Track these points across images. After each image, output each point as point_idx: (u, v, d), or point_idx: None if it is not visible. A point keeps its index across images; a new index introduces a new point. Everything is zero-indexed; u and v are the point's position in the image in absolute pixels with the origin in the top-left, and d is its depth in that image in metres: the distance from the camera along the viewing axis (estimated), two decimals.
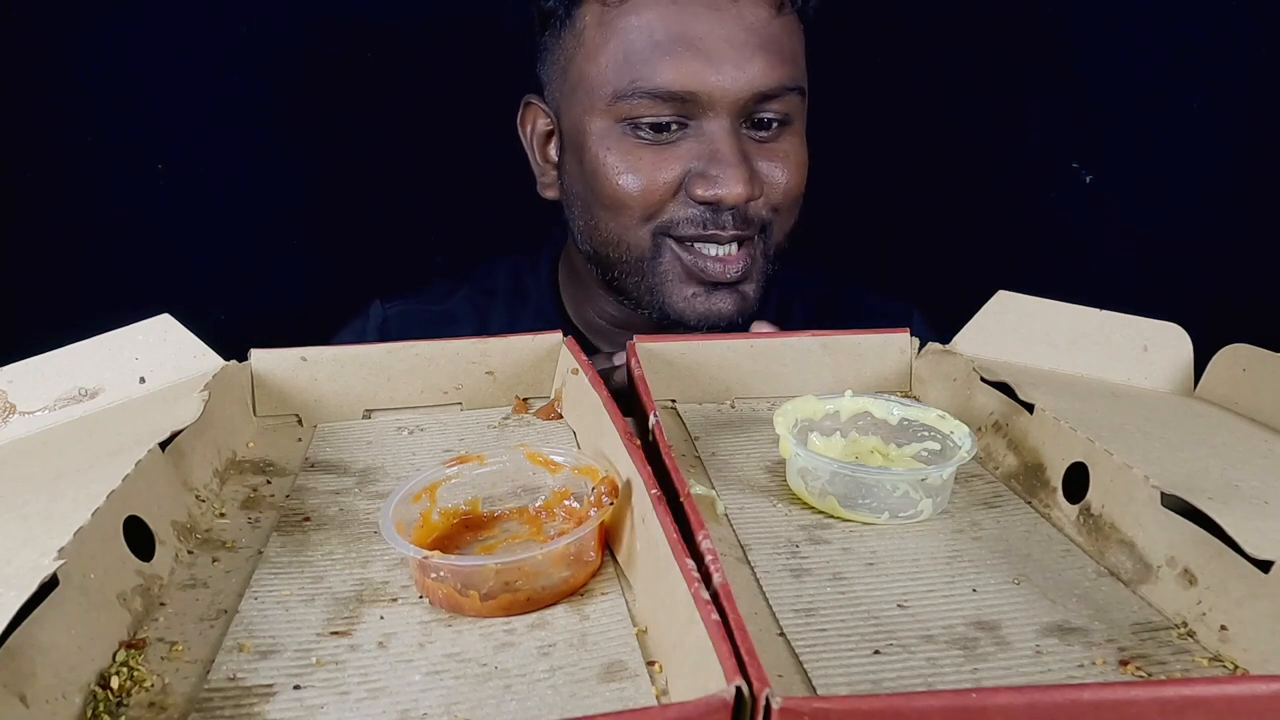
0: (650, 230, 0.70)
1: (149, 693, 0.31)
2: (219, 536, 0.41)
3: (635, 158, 0.68)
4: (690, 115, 0.68)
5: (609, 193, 0.70)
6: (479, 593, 0.34)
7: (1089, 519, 0.41)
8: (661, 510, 0.34)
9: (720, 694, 0.25)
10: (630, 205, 0.69)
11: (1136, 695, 0.25)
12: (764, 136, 0.70)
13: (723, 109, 0.67)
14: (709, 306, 0.71)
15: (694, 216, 0.68)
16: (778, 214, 0.71)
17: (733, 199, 0.67)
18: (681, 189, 0.68)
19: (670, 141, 0.68)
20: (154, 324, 0.51)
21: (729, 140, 0.67)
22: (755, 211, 0.70)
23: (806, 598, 0.36)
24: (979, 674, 0.32)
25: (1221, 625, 0.33)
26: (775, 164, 0.70)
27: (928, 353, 0.57)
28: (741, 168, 0.67)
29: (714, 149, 0.67)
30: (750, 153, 0.69)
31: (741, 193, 0.66)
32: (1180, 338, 0.54)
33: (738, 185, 0.66)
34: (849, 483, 0.42)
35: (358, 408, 0.54)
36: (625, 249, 0.71)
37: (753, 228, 0.70)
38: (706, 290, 0.70)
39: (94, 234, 0.96)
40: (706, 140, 0.68)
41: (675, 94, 0.66)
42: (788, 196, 0.71)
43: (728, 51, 0.66)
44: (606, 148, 0.69)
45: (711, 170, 0.67)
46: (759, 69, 0.67)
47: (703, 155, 0.68)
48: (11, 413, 0.48)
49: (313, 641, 0.34)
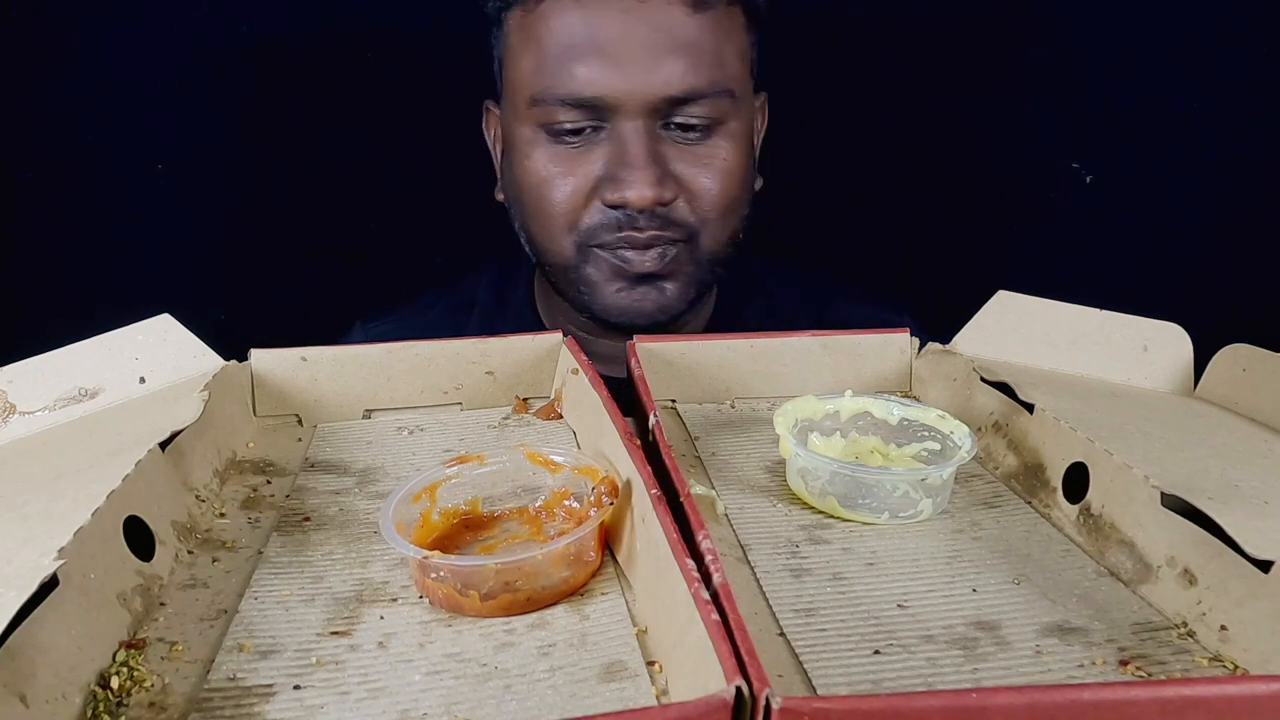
0: (573, 241, 0.70)
1: (149, 693, 0.31)
2: (219, 536, 0.41)
3: (552, 165, 0.69)
4: (602, 119, 0.67)
5: (531, 201, 0.70)
6: (479, 593, 0.34)
7: (1089, 519, 0.41)
8: (661, 510, 0.34)
9: (720, 694, 0.25)
10: (550, 214, 0.69)
11: (1136, 695, 0.25)
12: (689, 139, 0.68)
13: (633, 112, 0.66)
14: (630, 301, 0.70)
15: (609, 222, 0.68)
16: (705, 223, 0.69)
17: (639, 201, 0.66)
18: (596, 195, 0.68)
19: (586, 145, 0.68)
20: (154, 324, 0.51)
21: (638, 142, 0.66)
22: (678, 216, 0.68)
23: (806, 598, 0.36)
24: (979, 674, 0.32)
25: (1221, 625, 0.33)
26: (699, 169, 0.68)
27: (928, 353, 0.57)
28: (649, 170, 0.66)
29: (623, 152, 0.67)
30: (669, 156, 0.68)
31: (649, 195, 0.65)
32: (1180, 338, 0.54)
33: (645, 188, 0.65)
34: (849, 483, 0.42)
35: (358, 408, 0.54)
36: (553, 255, 0.72)
37: (676, 231, 0.68)
38: (629, 284, 0.70)
39: (94, 234, 0.96)
40: (618, 143, 0.67)
41: (583, 100, 0.66)
42: (714, 203, 0.69)
43: (637, 54, 0.65)
44: (527, 155, 0.70)
45: (620, 173, 0.66)
46: (669, 72, 0.65)
47: (613, 158, 0.67)
48: (11, 413, 0.48)
49: (313, 641, 0.34)
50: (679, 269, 0.70)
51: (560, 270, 0.72)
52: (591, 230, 0.69)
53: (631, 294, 0.70)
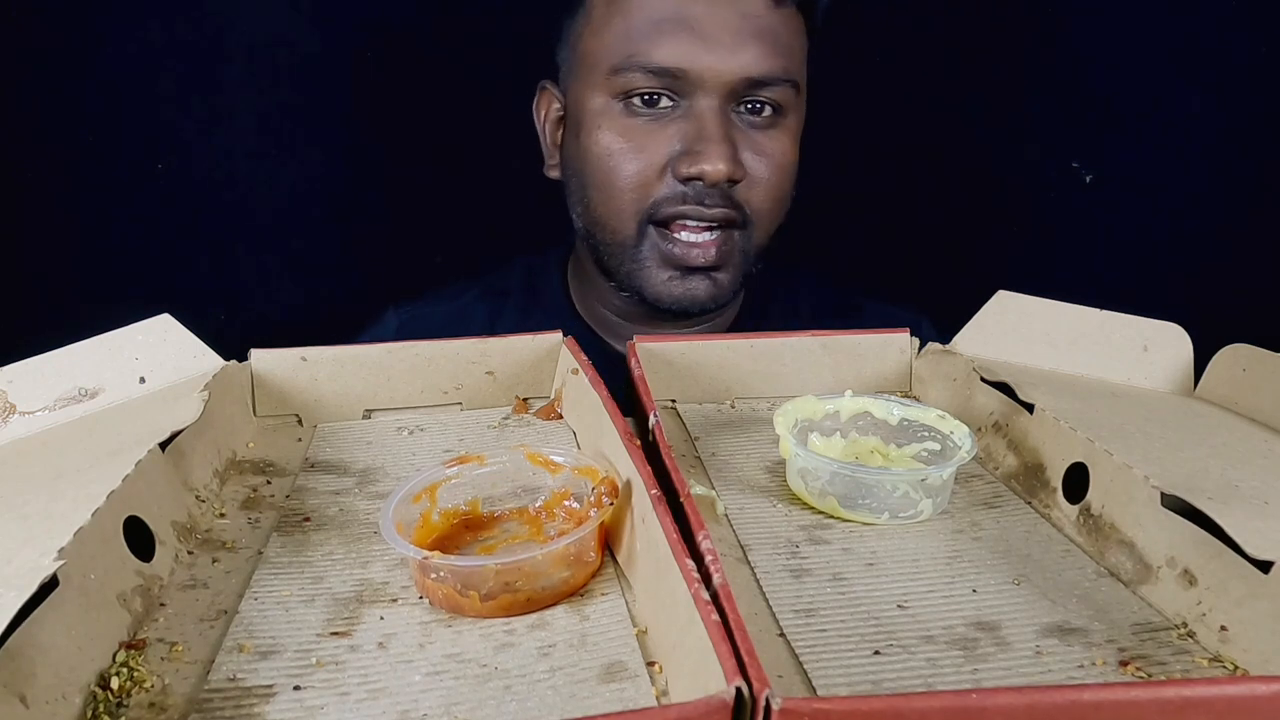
0: (636, 218, 0.71)
1: (149, 693, 0.31)
2: (219, 537, 0.41)
3: (627, 135, 0.70)
4: (681, 93, 0.69)
5: (600, 171, 0.72)
6: (479, 593, 0.34)
7: (1089, 519, 0.41)
8: (661, 510, 0.34)
9: (720, 694, 0.25)
10: (619, 186, 0.71)
11: (1136, 696, 0.25)
12: (755, 123, 0.71)
13: (712, 89, 0.69)
14: (684, 290, 0.72)
15: (677, 195, 0.70)
16: (759, 212, 0.72)
17: (714, 174, 0.68)
18: (668, 169, 0.70)
19: (661, 119, 0.70)
20: (154, 324, 0.51)
21: (716, 119, 0.69)
22: (741, 198, 0.71)
23: (806, 598, 0.36)
24: (979, 674, 0.32)
25: (1221, 625, 0.33)
26: (761, 159, 0.71)
27: (928, 353, 0.57)
28: (725, 145, 0.68)
29: (701, 127, 0.69)
30: (738, 140, 0.70)
31: (723, 169, 0.68)
32: (1180, 338, 0.54)
33: (720, 161, 0.68)
34: (849, 483, 0.42)
35: (358, 408, 0.54)
36: (612, 232, 0.73)
37: (735, 212, 0.70)
38: (682, 274, 0.72)
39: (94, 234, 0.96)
40: (695, 119, 0.69)
41: (667, 69, 0.68)
42: (769, 193, 0.72)
43: (721, 35, 0.68)
44: (599, 125, 0.71)
45: (696, 146, 0.69)
46: (751, 55, 0.68)
47: (690, 134, 0.69)
48: (11, 413, 0.48)
49: (313, 642, 0.34)
50: (731, 259, 0.72)
51: (615, 248, 0.73)
52: (659, 203, 0.70)
53: (685, 283, 0.72)
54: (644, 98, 0.70)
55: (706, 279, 0.72)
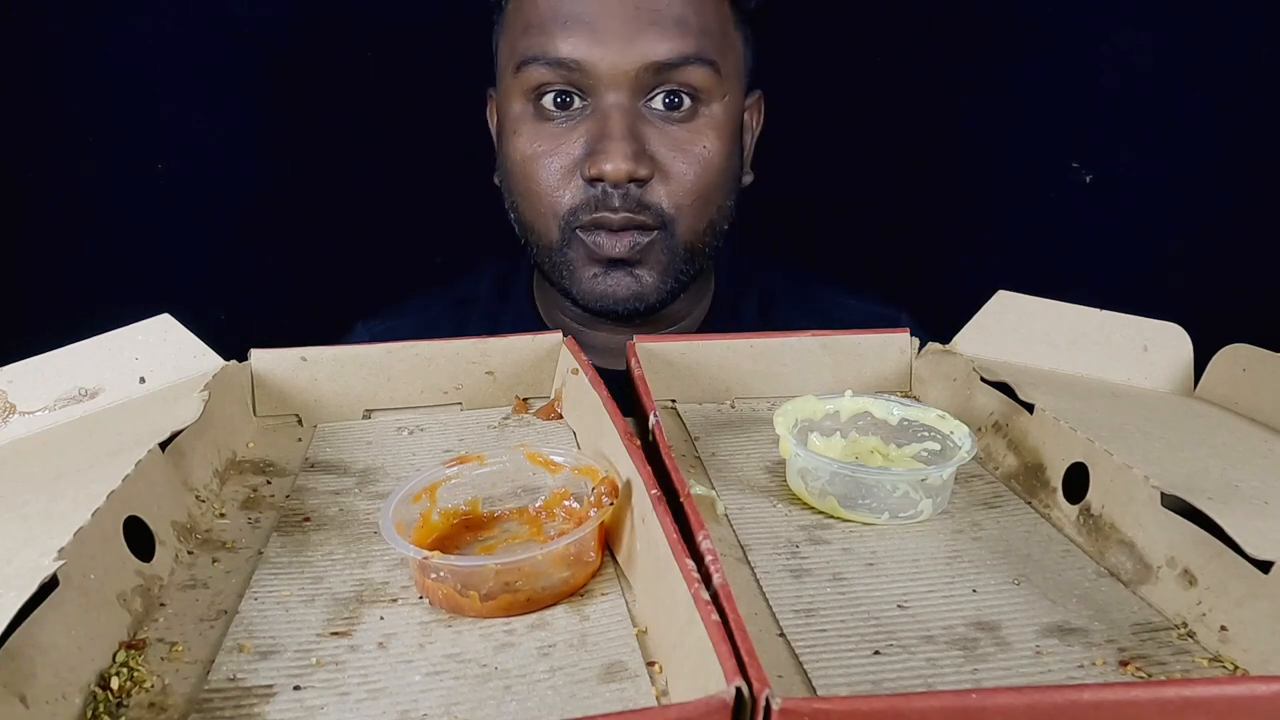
0: (557, 224, 0.71)
1: (149, 693, 0.31)
2: (219, 537, 0.41)
3: (540, 139, 0.70)
4: (588, 90, 0.68)
5: (519, 180, 0.71)
6: (479, 593, 0.34)
7: (1089, 519, 0.41)
8: (661, 510, 0.34)
9: (720, 694, 0.25)
10: (536, 193, 0.70)
11: (1136, 696, 0.25)
12: (673, 116, 0.69)
13: (615, 83, 0.67)
14: (605, 286, 0.71)
15: (588, 199, 0.69)
16: (679, 210, 0.70)
17: (614, 174, 0.66)
18: (576, 172, 0.69)
19: (572, 120, 0.69)
20: (154, 324, 0.51)
21: (619, 115, 0.67)
22: (651, 199, 0.69)
23: (806, 598, 0.36)
24: (979, 674, 0.32)
25: (1221, 625, 0.33)
26: (677, 153, 0.69)
27: (928, 353, 0.57)
28: (626, 143, 0.66)
29: (604, 125, 0.68)
30: (648, 135, 0.68)
31: (624, 167, 0.66)
32: (1180, 338, 0.54)
33: (621, 160, 0.66)
34: (849, 483, 0.42)
35: (358, 408, 0.54)
36: (539, 236, 0.72)
37: (648, 216, 0.69)
38: (604, 269, 0.71)
39: (94, 234, 0.96)
40: (600, 117, 0.68)
41: (563, 61, 0.67)
42: (689, 191, 0.69)
43: (617, 25, 0.66)
44: (516, 130, 0.71)
45: (598, 145, 0.67)
46: (649, 40, 0.66)
47: (594, 133, 0.68)
48: (11, 413, 0.48)
49: (313, 642, 0.34)
50: (652, 256, 0.71)
51: (545, 252, 0.73)
52: (572, 210, 0.69)
53: (606, 279, 0.71)
54: (556, 99, 0.69)
55: (628, 275, 0.70)
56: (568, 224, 0.70)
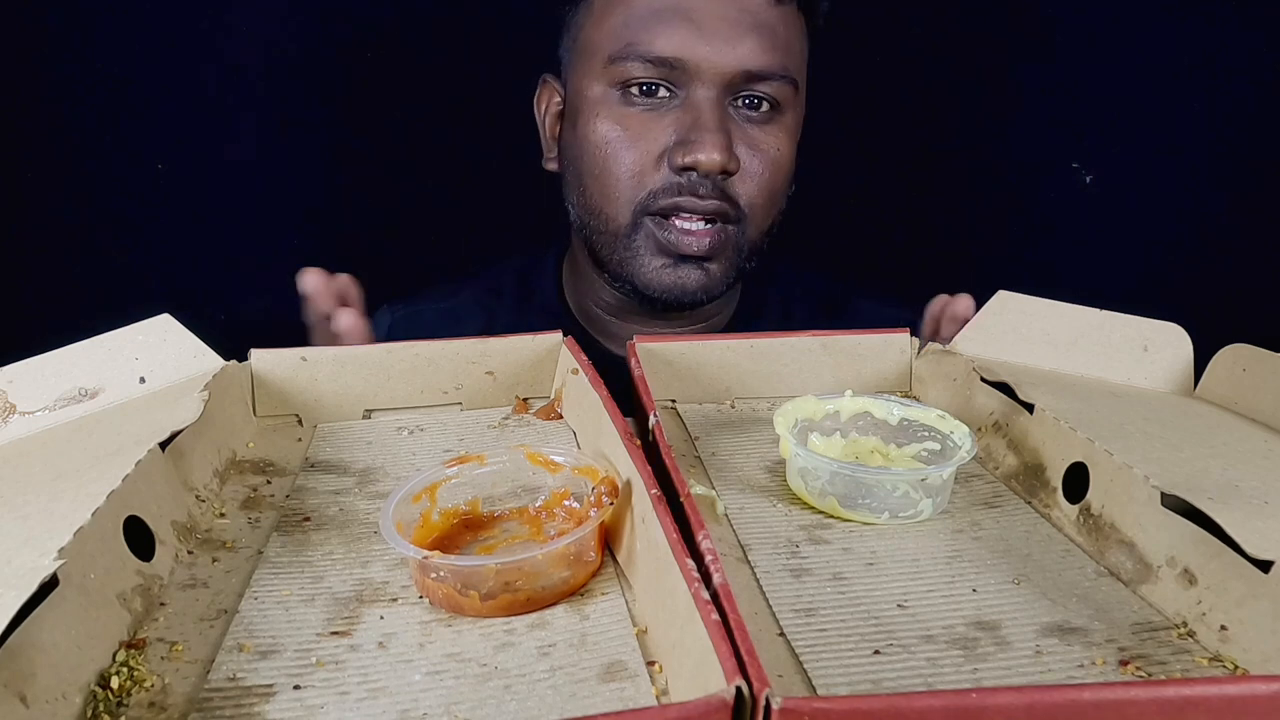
0: (631, 208, 0.71)
1: (149, 693, 0.31)
2: (219, 536, 0.41)
3: (624, 124, 0.71)
4: (678, 84, 0.70)
5: (598, 161, 0.72)
6: (479, 593, 0.34)
7: (1089, 519, 0.41)
8: (661, 510, 0.34)
9: (720, 694, 0.25)
10: (615, 174, 0.71)
11: (1136, 695, 0.25)
12: (752, 118, 0.71)
13: (709, 80, 0.69)
14: (675, 278, 0.72)
15: (671, 185, 0.70)
16: (752, 208, 0.72)
17: (708, 164, 0.68)
18: (664, 158, 0.70)
19: (658, 109, 0.70)
20: (154, 324, 0.51)
21: (712, 109, 0.69)
22: (734, 192, 0.70)
23: (806, 598, 0.36)
24: (979, 674, 0.32)
25: (1221, 625, 0.33)
26: (755, 153, 0.71)
27: (928, 353, 0.57)
28: (720, 135, 0.68)
29: (697, 117, 0.69)
30: (733, 132, 0.70)
31: (718, 159, 0.68)
32: (1180, 338, 0.54)
33: (715, 151, 0.68)
34: (849, 483, 0.42)
35: (358, 408, 0.54)
36: (607, 220, 0.73)
37: (728, 205, 0.70)
38: (674, 263, 0.72)
39: (94, 234, 0.96)
40: (692, 109, 0.69)
41: (665, 59, 0.69)
42: (763, 188, 0.72)
43: (720, 27, 0.68)
44: (597, 114, 0.72)
45: (692, 135, 0.69)
46: (749, 48, 0.69)
47: (686, 123, 0.69)
48: (11, 413, 0.48)
49: (313, 641, 0.34)
50: (724, 251, 0.72)
51: (610, 237, 0.73)
52: (654, 193, 0.70)
53: (676, 271, 0.72)
54: (642, 88, 0.70)
55: (698, 268, 0.72)
56: (643, 208, 0.71)
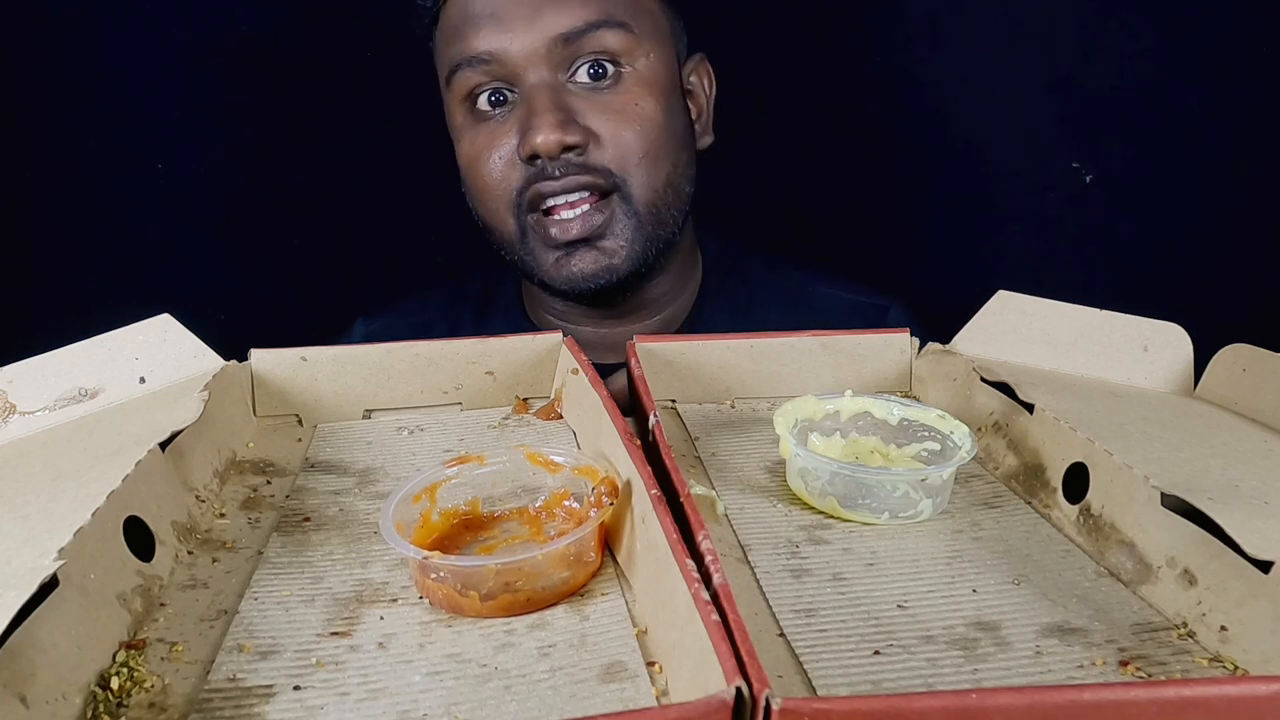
0: (510, 214, 0.71)
1: (149, 693, 0.31)
2: (219, 537, 0.41)
3: (478, 139, 0.71)
4: (512, 82, 0.70)
5: (472, 181, 0.73)
6: (479, 593, 0.34)
7: (1089, 519, 0.41)
8: (661, 510, 0.34)
9: (720, 694, 0.25)
10: (486, 188, 0.71)
11: (1136, 696, 0.25)
12: (599, 86, 0.70)
13: (532, 65, 0.68)
14: (571, 269, 0.71)
15: (527, 176, 0.69)
16: (627, 168, 0.70)
17: (545, 145, 0.67)
18: (515, 159, 0.70)
19: (503, 119, 0.70)
20: (154, 324, 0.51)
21: (543, 92, 0.68)
22: (595, 161, 0.69)
23: (806, 598, 0.36)
24: (979, 674, 0.32)
25: (1221, 625, 0.33)
26: (609, 115, 0.69)
27: (928, 353, 0.57)
28: (550, 114, 0.67)
29: (530, 105, 0.69)
30: (575, 106, 0.69)
31: (552, 138, 0.67)
32: (1180, 338, 0.54)
33: (549, 131, 0.66)
34: (849, 483, 0.42)
35: (358, 408, 0.54)
36: (499, 233, 0.73)
37: (595, 176, 0.69)
38: (565, 252, 0.71)
39: (94, 234, 0.96)
40: (527, 101, 0.69)
41: (479, 56, 0.69)
42: (631, 147, 0.69)
43: (518, 10, 0.68)
44: (458, 139, 0.73)
45: (527, 124, 0.68)
46: (550, 15, 0.68)
47: (523, 116, 0.69)
48: (11, 413, 0.48)
49: (313, 642, 0.34)
50: (613, 226, 0.71)
51: (510, 249, 0.73)
52: (519, 190, 0.70)
53: (571, 261, 0.71)
54: (490, 98, 0.70)
55: (591, 249, 0.71)
56: (519, 209, 0.71)
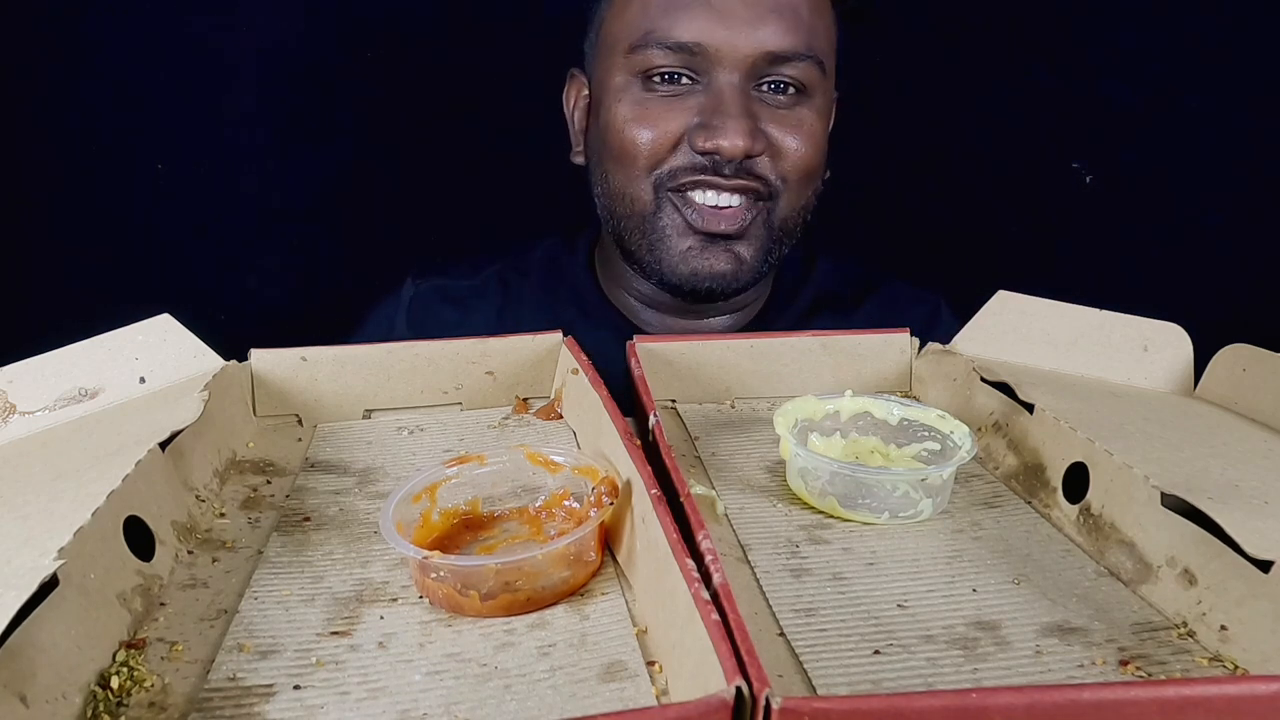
0: (652, 184, 0.70)
1: (149, 693, 0.31)
2: (219, 536, 0.41)
3: (644, 108, 0.70)
4: (700, 70, 0.69)
5: (617, 142, 0.71)
6: (479, 593, 0.34)
7: (1089, 519, 0.41)
8: (661, 510, 0.34)
9: (720, 694, 0.25)
10: (634, 154, 0.70)
11: (1136, 695, 0.25)
12: (779, 101, 0.70)
13: (731, 65, 0.68)
14: (702, 262, 0.71)
15: (694, 164, 0.69)
16: (786, 184, 0.71)
17: (730, 149, 0.67)
18: (684, 140, 0.69)
19: (680, 95, 0.70)
20: (154, 324, 0.51)
21: (734, 94, 0.68)
22: (762, 170, 0.70)
23: (806, 598, 0.36)
24: (979, 674, 0.32)
25: (1221, 625, 0.33)
26: (786, 130, 0.70)
27: (928, 353, 0.57)
28: (743, 120, 0.67)
29: (719, 102, 0.68)
30: (760, 114, 0.69)
31: (740, 145, 0.67)
32: (1180, 338, 0.54)
33: (737, 136, 0.67)
34: (849, 483, 0.42)
35: (358, 408, 0.54)
36: (630, 202, 0.72)
37: (758, 184, 0.70)
38: (702, 244, 0.70)
39: (94, 234, 0.96)
40: (714, 94, 0.69)
41: (685, 44, 0.68)
42: (797, 165, 0.70)
43: (739, 10, 0.68)
44: (619, 100, 0.71)
45: (713, 120, 0.68)
46: (769, 30, 0.68)
47: (708, 108, 0.69)
48: (11, 413, 0.48)
49: (313, 641, 0.34)
50: (753, 231, 0.71)
51: (635, 220, 0.72)
52: (674, 171, 0.70)
53: (704, 255, 0.71)
54: (664, 76, 0.69)
55: (727, 251, 0.71)
56: (665, 185, 0.70)
